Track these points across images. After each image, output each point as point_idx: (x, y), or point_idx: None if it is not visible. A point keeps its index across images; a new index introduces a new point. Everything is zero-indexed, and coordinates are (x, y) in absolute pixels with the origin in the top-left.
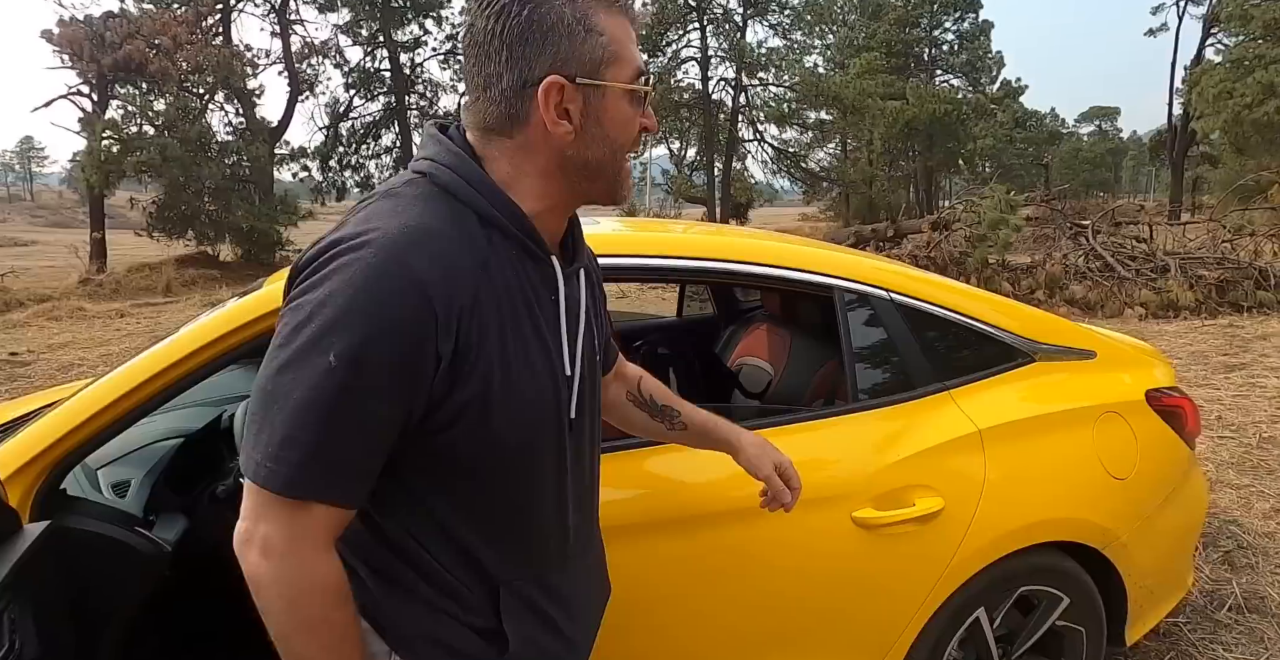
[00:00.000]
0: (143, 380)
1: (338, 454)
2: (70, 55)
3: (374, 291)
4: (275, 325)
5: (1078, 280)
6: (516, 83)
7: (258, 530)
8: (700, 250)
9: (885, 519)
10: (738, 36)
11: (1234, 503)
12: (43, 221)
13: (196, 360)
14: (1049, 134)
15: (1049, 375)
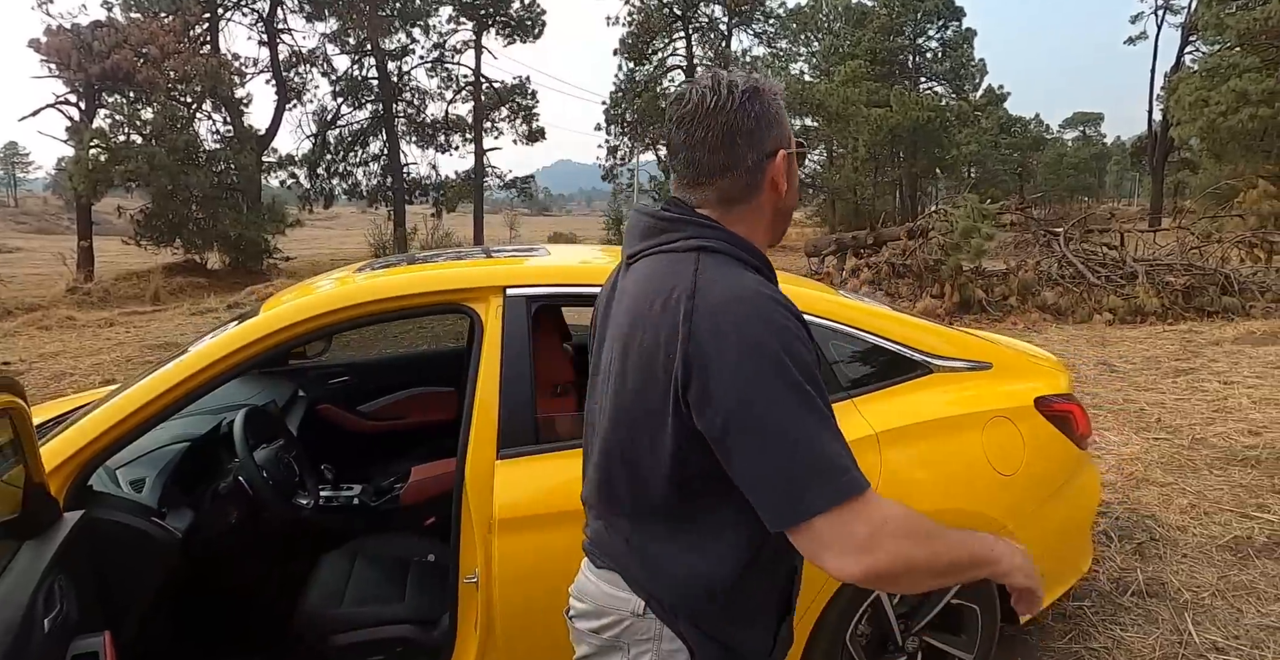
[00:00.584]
0: (160, 393)
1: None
2: (58, 64)
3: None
4: (273, 345)
5: (1049, 287)
6: (758, 159)
7: (855, 539)
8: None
9: None
10: (722, 45)
11: (1155, 499)
12: (27, 228)
13: (205, 376)
14: (1033, 140)
15: (944, 385)
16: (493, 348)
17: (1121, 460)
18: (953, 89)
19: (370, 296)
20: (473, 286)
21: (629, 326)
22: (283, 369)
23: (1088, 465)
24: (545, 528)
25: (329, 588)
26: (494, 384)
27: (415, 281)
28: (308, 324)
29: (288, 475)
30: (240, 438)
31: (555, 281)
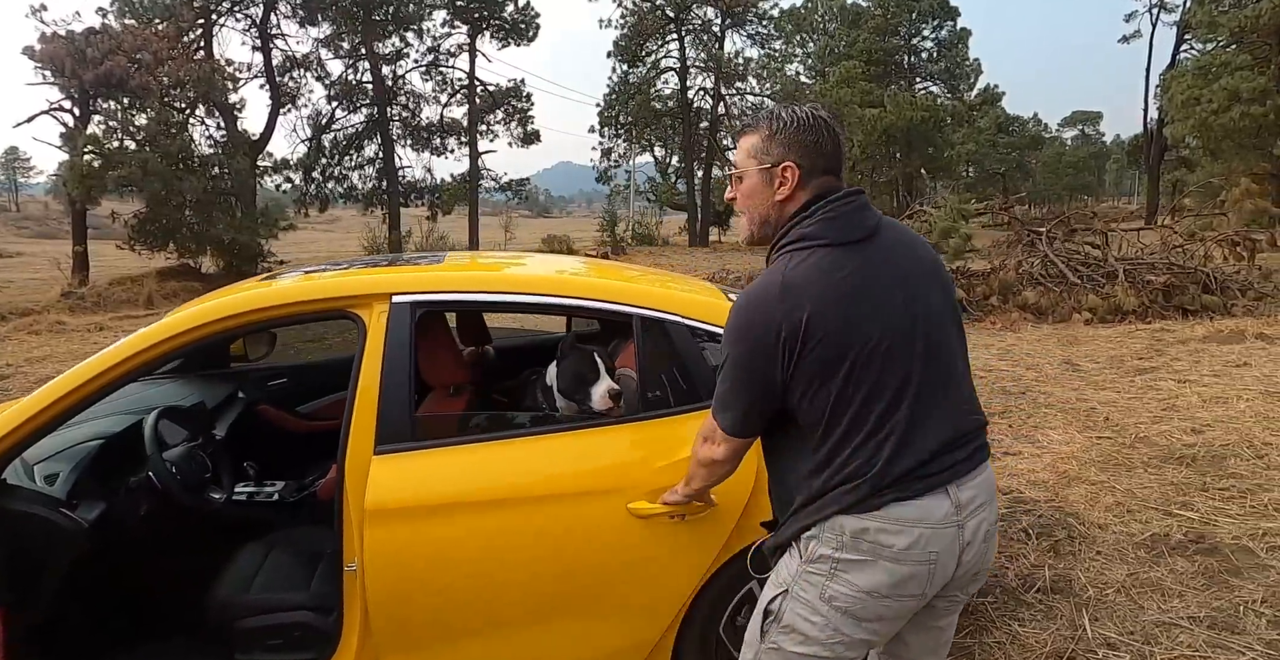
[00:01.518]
0: (61, 395)
1: None
2: (52, 71)
3: None
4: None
5: (1031, 286)
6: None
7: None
8: (511, 286)
9: (655, 510)
10: (716, 47)
11: (1082, 497)
12: (29, 233)
13: (102, 380)
14: (1031, 139)
15: None
16: (374, 351)
17: (1058, 458)
18: (948, 89)
19: (260, 304)
20: (357, 294)
21: (932, 264)
22: (223, 371)
23: None
24: (412, 519)
25: (240, 576)
26: (374, 385)
27: (303, 289)
28: (198, 331)
29: (200, 471)
30: (150, 436)
31: (440, 289)
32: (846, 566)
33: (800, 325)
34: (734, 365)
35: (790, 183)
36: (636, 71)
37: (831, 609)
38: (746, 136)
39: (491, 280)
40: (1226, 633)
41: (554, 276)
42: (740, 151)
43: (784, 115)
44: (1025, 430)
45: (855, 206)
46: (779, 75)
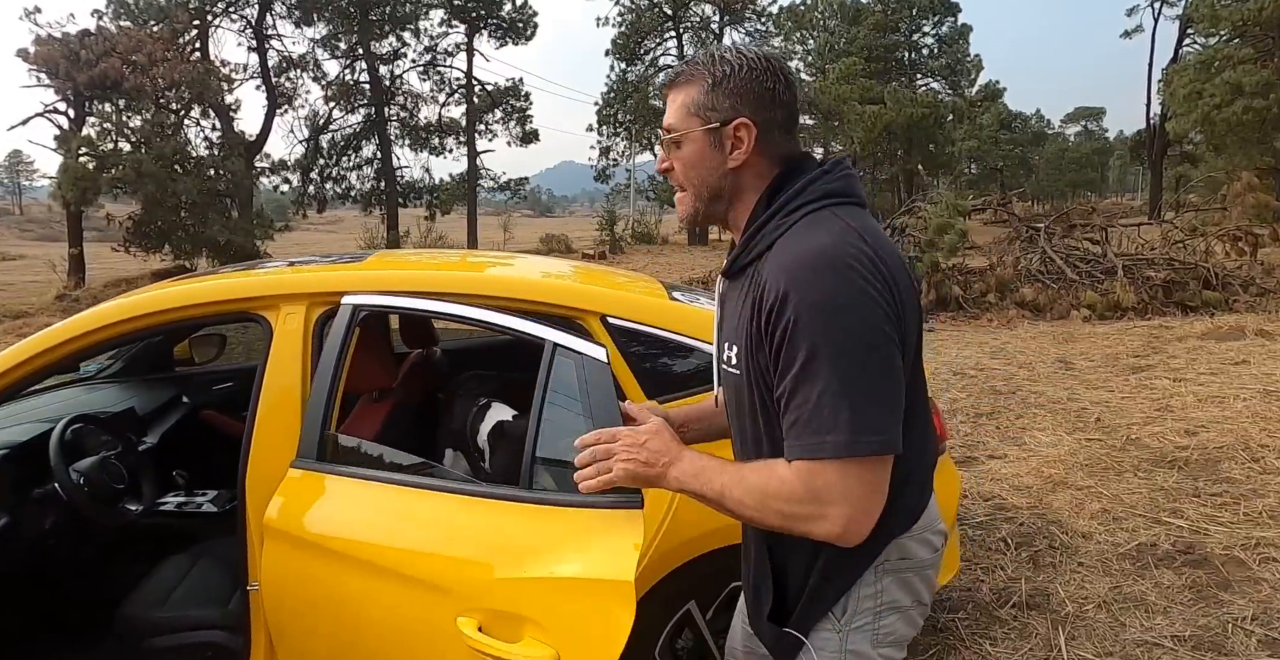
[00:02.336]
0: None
1: None
2: (47, 73)
3: None
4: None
5: (1029, 283)
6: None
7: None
8: (427, 285)
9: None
10: (714, 44)
11: (1067, 504)
12: (32, 235)
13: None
14: (1034, 135)
15: None
16: (280, 357)
17: (1044, 462)
18: (949, 85)
19: (158, 307)
20: (263, 295)
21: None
22: (166, 375)
23: (944, 470)
24: (300, 546)
25: (157, 591)
26: (279, 393)
27: (205, 291)
28: (92, 336)
29: (114, 482)
30: (55, 445)
31: (358, 289)
32: (888, 594)
33: (896, 294)
34: (863, 341)
35: (747, 144)
36: (635, 69)
37: (886, 647)
38: (681, 89)
39: (402, 280)
40: (1213, 654)
41: (474, 277)
42: (675, 108)
43: (730, 58)
44: (1012, 432)
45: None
46: None
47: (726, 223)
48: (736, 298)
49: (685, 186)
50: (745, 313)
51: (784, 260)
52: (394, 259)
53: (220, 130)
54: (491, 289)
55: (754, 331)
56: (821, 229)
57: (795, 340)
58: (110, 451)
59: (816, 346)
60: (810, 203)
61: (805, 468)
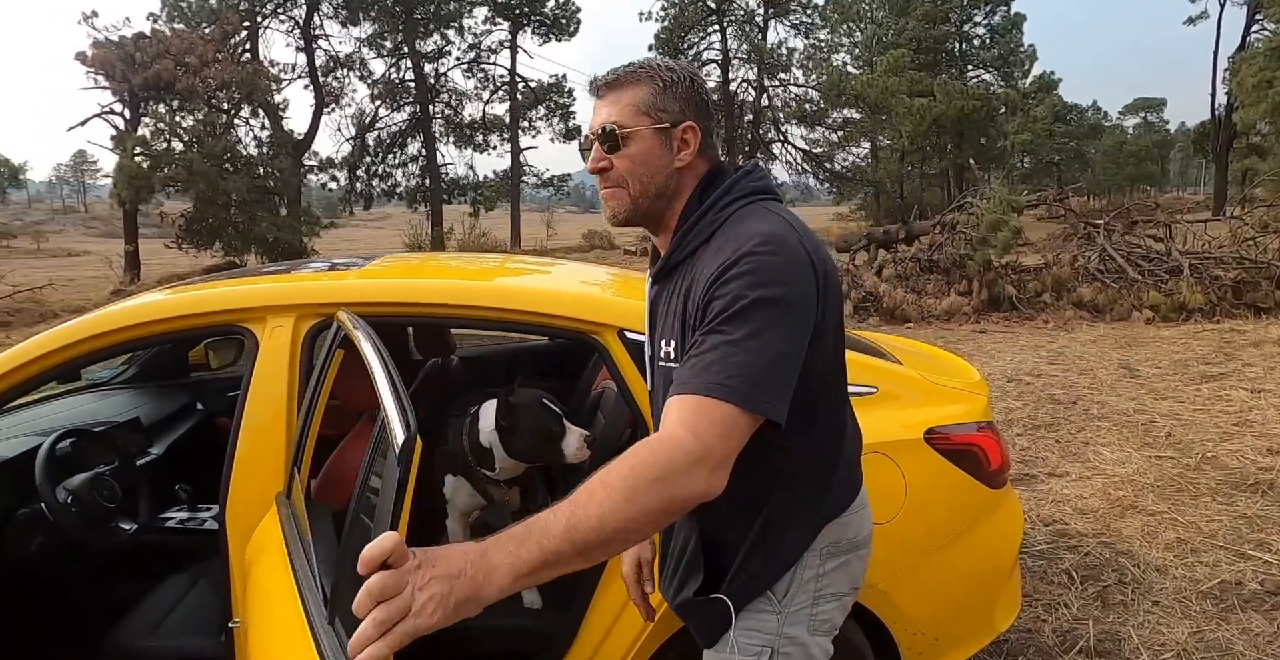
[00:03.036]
0: None
1: None
2: (104, 76)
3: None
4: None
5: (1088, 282)
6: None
7: None
8: (423, 296)
9: None
10: (759, 37)
11: (1139, 531)
12: (95, 232)
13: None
14: (1090, 127)
15: None
16: (267, 373)
17: (1110, 482)
18: (1001, 77)
19: (134, 320)
20: (248, 306)
21: None
22: (180, 382)
23: (1005, 504)
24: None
25: (151, 616)
26: (266, 414)
27: (186, 303)
28: (64, 352)
29: (107, 499)
30: (41, 461)
31: (351, 300)
32: (828, 578)
33: (823, 275)
34: (785, 312)
35: (692, 146)
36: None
37: (820, 636)
38: (627, 89)
39: (396, 290)
40: None
41: (479, 287)
42: (621, 106)
43: (673, 67)
44: (1074, 447)
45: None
46: (824, 65)
47: (659, 222)
48: (669, 296)
49: (626, 184)
50: (678, 304)
51: (727, 243)
52: (396, 266)
53: (269, 129)
54: (498, 301)
55: (688, 317)
56: (757, 218)
57: (724, 297)
58: (106, 466)
59: (744, 305)
60: (740, 198)
61: (697, 404)
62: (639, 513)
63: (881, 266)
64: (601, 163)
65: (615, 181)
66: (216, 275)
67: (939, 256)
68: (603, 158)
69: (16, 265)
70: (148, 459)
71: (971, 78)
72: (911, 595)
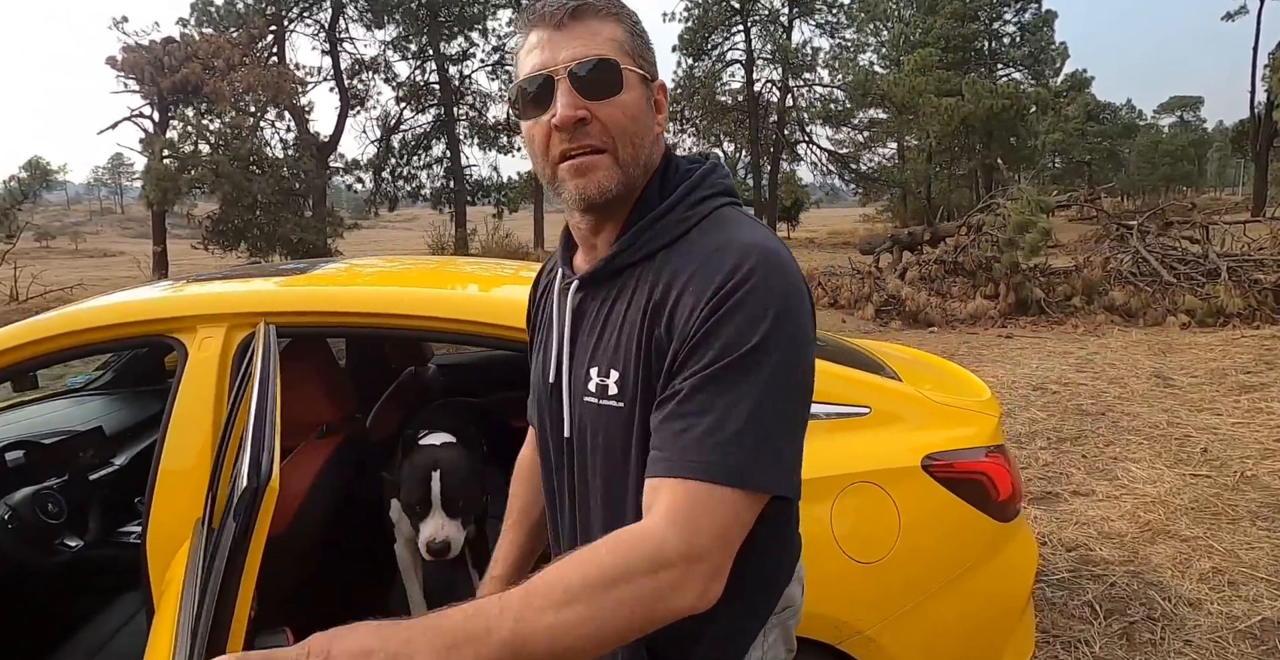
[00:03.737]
0: None
1: None
2: (134, 79)
3: None
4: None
5: (1120, 286)
6: None
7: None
8: (355, 305)
9: None
10: (783, 37)
11: (1170, 560)
12: (131, 233)
13: None
14: (1124, 127)
15: None
16: (195, 387)
17: (1140, 503)
18: (1032, 75)
19: (55, 331)
20: (177, 316)
21: None
22: (157, 387)
23: (1016, 538)
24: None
25: (93, 640)
26: (193, 431)
27: (111, 311)
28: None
29: (48, 516)
30: None
31: (286, 309)
32: (775, 648)
33: (812, 313)
34: (800, 352)
35: (665, 111)
36: (702, 65)
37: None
38: (605, 22)
39: (328, 299)
40: None
41: (418, 296)
42: (601, 40)
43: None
44: (1102, 463)
45: None
46: (850, 65)
47: (608, 217)
48: (607, 309)
49: (614, 146)
50: (634, 324)
51: (715, 256)
52: (335, 273)
53: (295, 132)
54: (438, 310)
55: (653, 346)
56: (744, 227)
57: (724, 334)
58: (57, 479)
59: (753, 347)
60: (713, 197)
61: (691, 493)
62: (605, 630)
63: (905, 269)
64: (579, 111)
65: (598, 142)
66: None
67: (964, 258)
68: (580, 105)
69: (54, 265)
70: (109, 471)
71: (1001, 76)
72: (905, 643)
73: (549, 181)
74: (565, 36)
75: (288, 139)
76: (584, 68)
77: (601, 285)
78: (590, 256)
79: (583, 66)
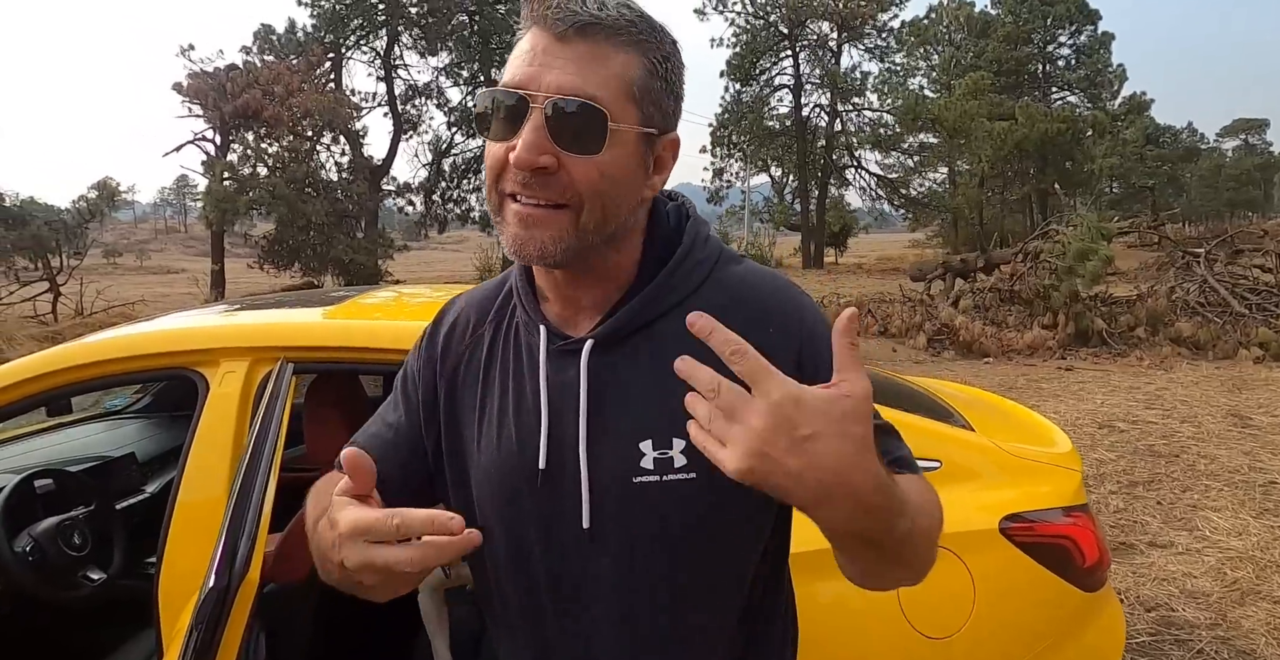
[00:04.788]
0: None
1: None
2: (198, 104)
3: None
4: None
5: (1186, 316)
6: None
7: None
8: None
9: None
10: (832, 62)
11: (1262, 625)
12: (193, 251)
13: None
14: (1185, 150)
15: None
16: (216, 423)
17: (1226, 558)
18: (1088, 98)
19: (70, 362)
20: (199, 348)
21: None
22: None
23: (1103, 610)
24: None
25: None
26: (211, 471)
27: (129, 343)
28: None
29: (71, 549)
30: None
31: (318, 344)
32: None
33: None
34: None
35: (668, 170)
36: (750, 90)
37: None
38: (618, 50)
39: (351, 333)
40: None
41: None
42: (605, 76)
43: (671, 36)
44: (1179, 511)
45: None
46: (900, 89)
47: (586, 266)
48: (632, 370)
49: (579, 204)
50: (672, 389)
51: (770, 314)
52: (367, 305)
53: (349, 155)
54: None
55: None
56: (761, 270)
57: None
58: (85, 507)
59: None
60: (717, 256)
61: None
62: (917, 561)
63: (958, 297)
64: (543, 158)
65: (560, 197)
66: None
67: (1021, 287)
68: (547, 150)
69: (119, 281)
70: (139, 498)
71: (1056, 99)
72: None
73: (492, 210)
74: (563, 53)
75: (342, 162)
76: (569, 105)
77: (613, 349)
78: (572, 311)
79: (568, 103)
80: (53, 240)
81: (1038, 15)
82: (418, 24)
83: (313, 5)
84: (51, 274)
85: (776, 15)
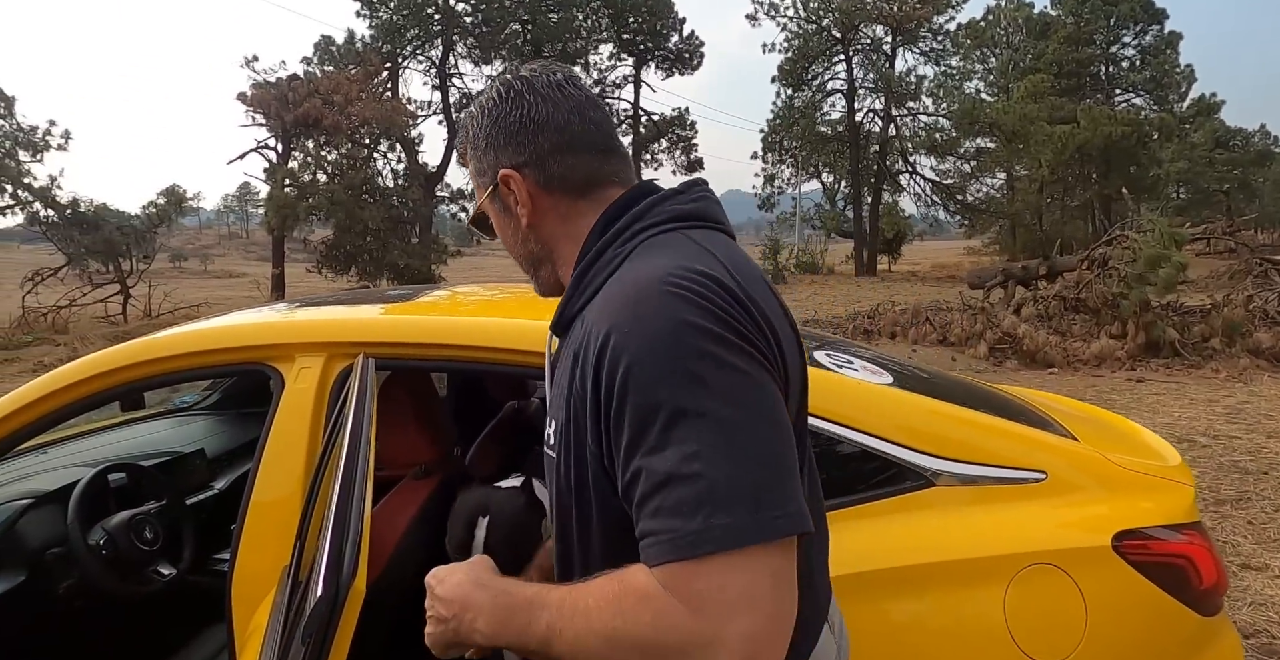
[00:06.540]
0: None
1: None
2: (261, 114)
3: None
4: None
5: (1266, 327)
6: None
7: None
8: (456, 337)
9: None
10: (885, 66)
11: None
12: (255, 256)
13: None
14: (1257, 154)
15: (948, 507)
16: (291, 420)
17: None
18: (1154, 100)
19: (142, 357)
20: (274, 343)
21: None
22: (264, 409)
23: (1221, 637)
24: None
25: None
26: (287, 468)
27: (201, 337)
28: (67, 394)
29: (143, 543)
30: (75, 501)
31: (396, 339)
32: None
33: (761, 322)
34: (731, 384)
35: (521, 193)
36: (801, 95)
37: None
38: (462, 155)
39: (435, 330)
40: None
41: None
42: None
43: (474, 106)
44: (1272, 531)
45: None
46: (956, 93)
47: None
48: (564, 358)
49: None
50: (567, 374)
51: (604, 296)
52: (451, 300)
53: (404, 162)
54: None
55: (578, 397)
56: (658, 252)
57: (633, 401)
58: (156, 502)
59: (662, 402)
60: (654, 226)
61: (679, 572)
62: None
63: (1020, 305)
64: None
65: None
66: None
67: (1087, 295)
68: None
69: (184, 284)
70: (208, 494)
71: (1120, 102)
72: None
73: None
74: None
75: (398, 169)
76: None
77: (563, 336)
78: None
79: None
80: (123, 244)
81: (1100, 15)
82: (472, 33)
83: (371, 16)
84: (122, 276)
85: (829, 19)
